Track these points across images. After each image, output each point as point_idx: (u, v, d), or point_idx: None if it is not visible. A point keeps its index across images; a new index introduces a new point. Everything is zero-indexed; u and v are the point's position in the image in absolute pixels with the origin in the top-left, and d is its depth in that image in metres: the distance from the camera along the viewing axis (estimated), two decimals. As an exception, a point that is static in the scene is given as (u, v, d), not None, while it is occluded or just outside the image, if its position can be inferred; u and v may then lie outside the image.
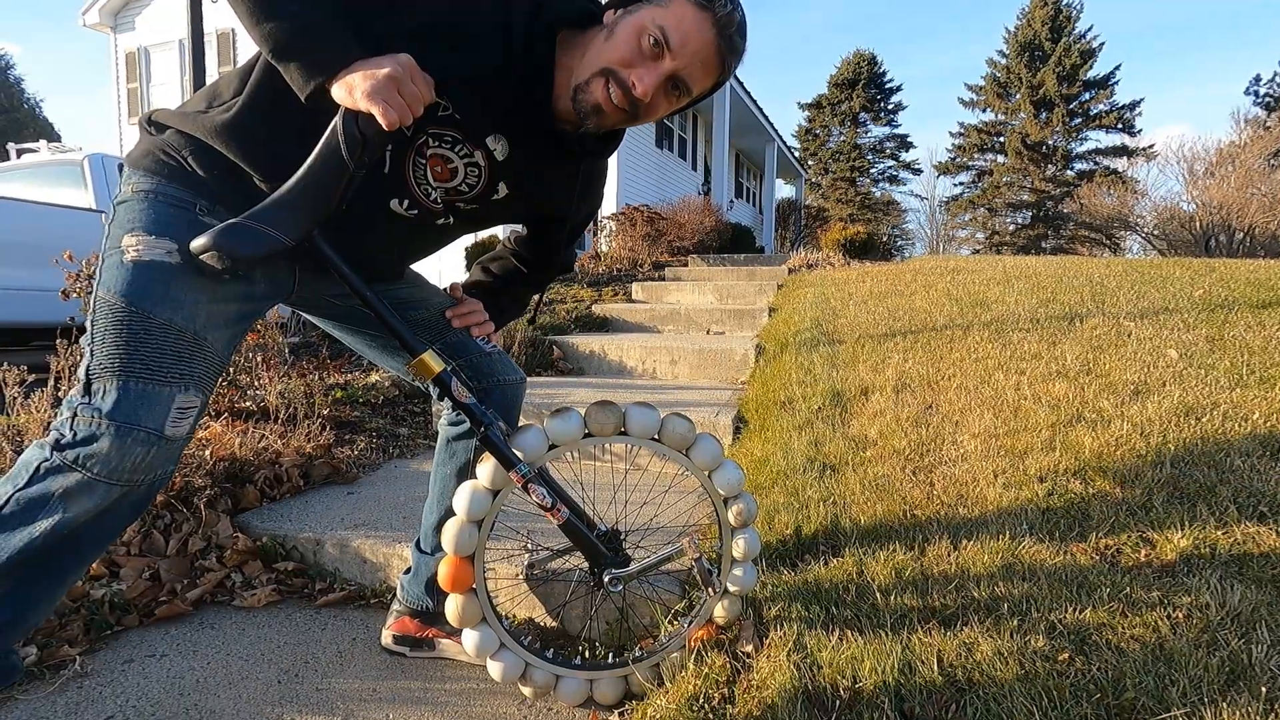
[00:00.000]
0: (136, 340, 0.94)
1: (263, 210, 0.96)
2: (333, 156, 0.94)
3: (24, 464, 0.97)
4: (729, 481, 1.24)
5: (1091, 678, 1.00)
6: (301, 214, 0.96)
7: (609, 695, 1.26)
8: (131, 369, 0.94)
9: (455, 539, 1.19)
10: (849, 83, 35.37)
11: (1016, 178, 32.13)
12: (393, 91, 0.88)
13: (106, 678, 1.32)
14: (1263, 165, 17.90)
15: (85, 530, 0.98)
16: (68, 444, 0.94)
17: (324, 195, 0.96)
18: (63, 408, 0.97)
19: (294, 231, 0.96)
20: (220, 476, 1.94)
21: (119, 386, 0.94)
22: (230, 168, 1.02)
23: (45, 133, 28.21)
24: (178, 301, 0.96)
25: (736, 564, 1.26)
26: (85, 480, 0.94)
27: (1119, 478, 1.60)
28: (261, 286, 1.10)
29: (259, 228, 0.94)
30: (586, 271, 6.99)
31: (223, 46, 11.15)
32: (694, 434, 1.23)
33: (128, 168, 1.04)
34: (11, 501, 0.95)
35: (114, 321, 0.94)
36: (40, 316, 4.28)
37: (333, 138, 0.93)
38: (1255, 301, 3.18)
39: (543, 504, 1.16)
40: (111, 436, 0.93)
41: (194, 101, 1.06)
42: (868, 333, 3.26)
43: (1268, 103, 28.92)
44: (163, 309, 0.95)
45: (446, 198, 1.13)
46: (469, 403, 1.13)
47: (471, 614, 1.22)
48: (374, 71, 0.88)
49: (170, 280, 0.96)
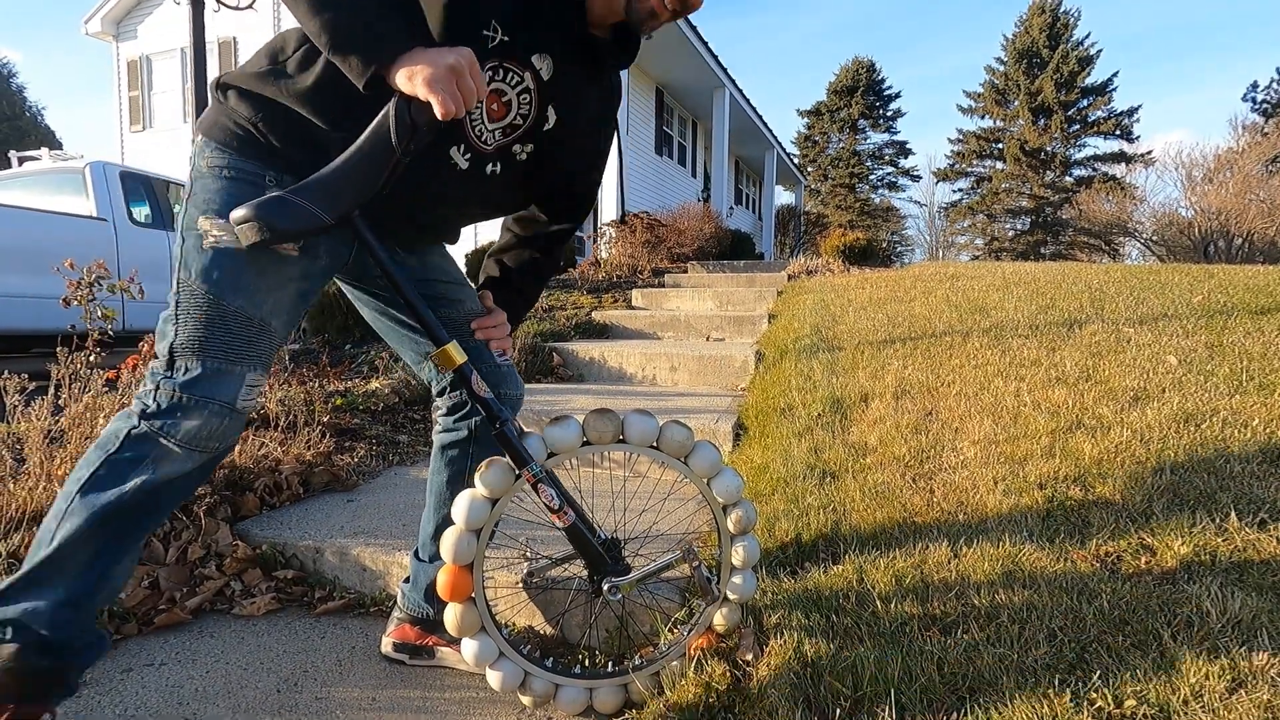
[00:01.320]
0: (213, 324, 1.03)
1: (306, 186, 0.98)
2: (381, 141, 0.96)
3: (112, 433, 1.05)
4: (728, 488, 1.24)
5: (1093, 686, 1.00)
6: (344, 194, 0.99)
7: (609, 704, 1.26)
8: (209, 349, 1.03)
9: (454, 548, 1.19)
10: (848, 90, 35.51)
11: (1015, 184, 32.23)
12: (452, 82, 0.91)
13: (105, 686, 1.31)
14: (1261, 171, 17.96)
15: (163, 491, 1.06)
16: (153, 414, 1.03)
17: (368, 178, 0.99)
18: (146, 380, 1.06)
19: (335, 210, 0.99)
20: (220, 484, 1.94)
21: (200, 364, 1.03)
22: (303, 136, 1.05)
23: (47, 140, 28.32)
24: (247, 290, 1.04)
25: (736, 571, 1.26)
26: (167, 446, 1.03)
27: (1119, 484, 1.59)
28: (323, 262, 1.13)
29: (301, 203, 0.97)
30: (586, 278, 7.00)
31: (224, 54, 11.20)
32: (692, 441, 1.24)
33: (201, 137, 1.07)
34: (104, 465, 1.03)
35: (194, 305, 1.03)
36: (41, 324, 4.29)
37: (384, 122, 0.96)
38: (1254, 307, 3.18)
39: (550, 505, 1.16)
40: (192, 409, 1.03)
41: (256, 61, 1.07)
42: (867, 339, 3.26)
43: (1265, 109, 29.03)
44: (235, 298, 1.03)
45: (502, 139, 1.14)
46: (487, 397, 1.14)
47: (470, 623, 1.22)
48: (437, 60, 0.91)
49: (241, 269, 1.03)
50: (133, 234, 4.91)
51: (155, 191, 5.26)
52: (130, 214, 4.95)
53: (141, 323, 4.62)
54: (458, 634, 1.23)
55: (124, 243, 4.82)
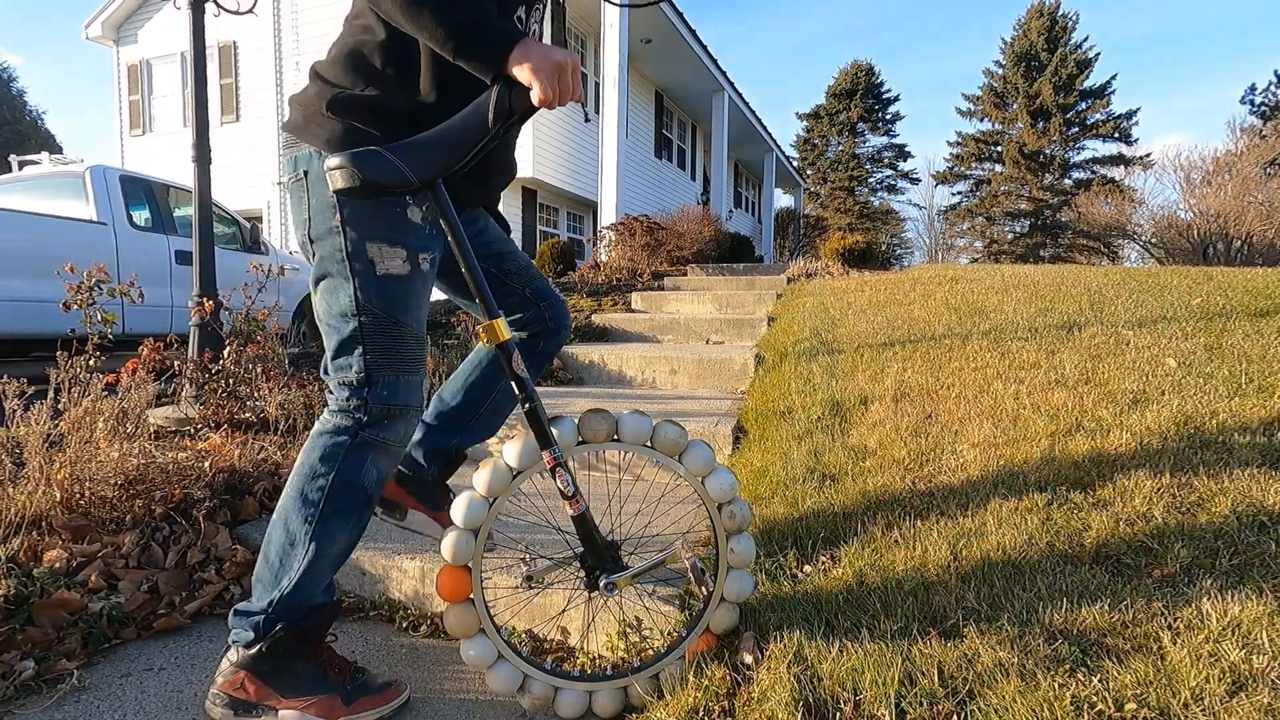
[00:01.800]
0: (397, 343, 1.18)
1: (402, 147, 1.06)
2: (478, 119, 1.06)
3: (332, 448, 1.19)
4: (722, 486, 1.25)
5: (1093, 689, 1.00)
6: (434, 161, 1.07)
7: (608, 707, 1.25)
8: (400, 365, 1.19)
9: (453, 548, 1.19)
10: (847, 93, 35.59)
11: (1014, 187, 32.27)
12: (555, 76, 1.03)
13: (104, 692, 1.31)
14: (1259, 174, 17.99)
15: (375, 488, 1.23)
16: (367, 424, 1.19)
17: (458, 150, 1.08)
18: (344, 398, 1.19)
19: (422, 174, 1.06)
20: (219, 488, 1.94)
21: (395, 377, 1.19)
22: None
23: (47, 145, 28.33)
24: (413, 309, 1.20)
25: (732, 571, 1.27)
26: (388, 448, 1.22)
27: (1118, 487, 1.59)
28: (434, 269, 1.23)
29: (394, 160, 1.04)
30: (586, 281, 7.01)
31: (224, 59, 11.22)
32: (686, 440, 1.25)
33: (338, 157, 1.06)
34: (335, 477, 1.19)
35: (381, 329, 1.17)
36: (41, 328, 4.29)
37: (484, 101, 1.05)
38: (1253, 310, 3.18)
39: (565, 491, 1.19)
40: (397, 416, 1.20)
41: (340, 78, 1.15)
42: (867, 342, 3.26)
43: (1263, 112, 29.06)
44: (406, 316, 1.19)
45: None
46: (524, 376, 1.19)
47: (469, 623, 1.22)
48: (548, 55, 1.03)
49: (407, 290, 1.18)
50: (133, 238, 4.91)
51: (155, 196, 5.26)
52: (130, 218, 4.95)
53: (141, 327, 4.62)
54: (457, 635, 1.23)
55: (124, 247, 4.81)
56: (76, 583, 1.56)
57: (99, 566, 1.62)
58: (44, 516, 1.73)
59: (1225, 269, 5.22)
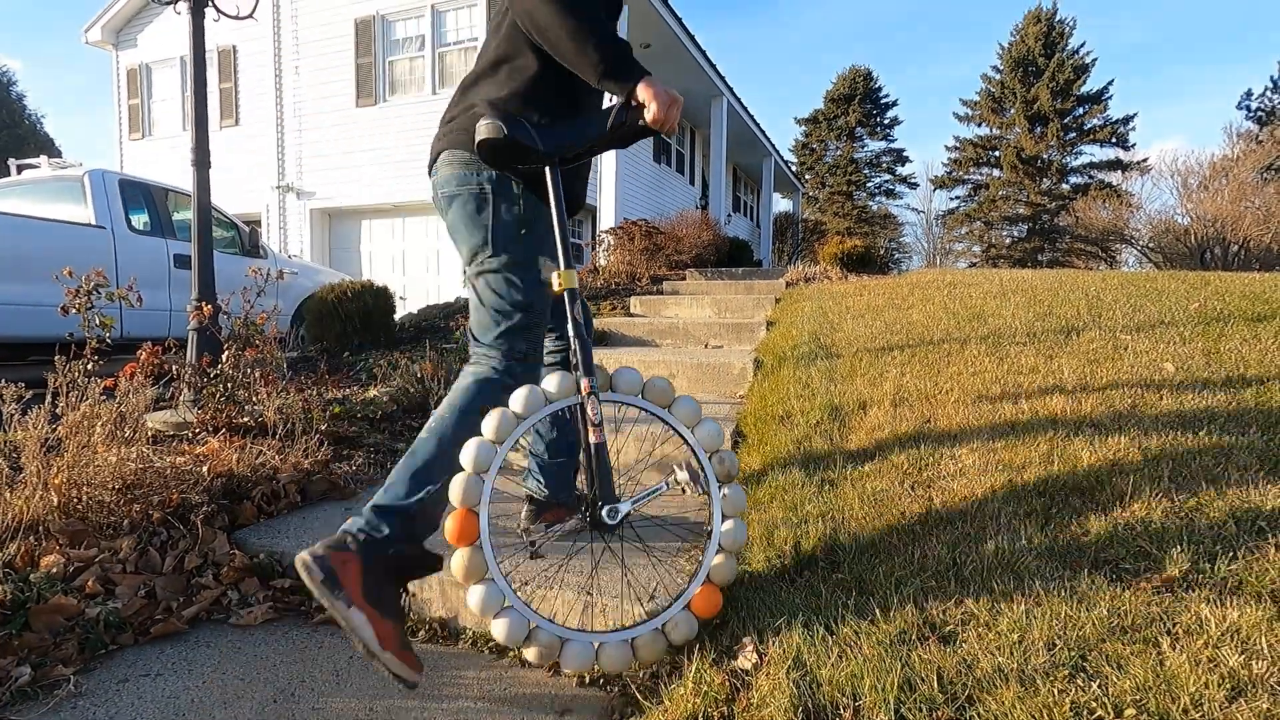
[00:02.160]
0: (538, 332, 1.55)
1: (540, 124, 1.40)
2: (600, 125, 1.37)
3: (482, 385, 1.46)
4: (710, 434, 1.39)
5: (1092, 695, 1.00)
6: (561, 142, 1.38)
7: (614, 661, 1.27)
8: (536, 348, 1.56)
9: (462, 491, 1.22)
10: (845, 98, 35.67)
11: (1012, 191, 32.33)
12: (669, 107, 1.33)
13: (101, 697, 1.31)
14: (1256, 179, 18.06)
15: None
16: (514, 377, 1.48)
17: (576, 140, 1.39)
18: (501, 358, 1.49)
19: (550, 149, 1.36)
20: (217, 493, 1.94)
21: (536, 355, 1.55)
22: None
23: (46, 148, 28.30)
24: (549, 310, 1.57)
25: (725, 519, 1.35)
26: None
27: (1116, 492, 1.59)
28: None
29: (531, 130, 1.35)
30: (585, 286, 7.01)
31: (224, 64, 11.23)
32: (673, 392, 1.39)
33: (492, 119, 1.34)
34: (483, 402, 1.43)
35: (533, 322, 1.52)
36: (39, 331, 4.29)
37: (606, 114, 1.37)
38: (1250, 314, 3.19)
39: (593, 419, 1.33)
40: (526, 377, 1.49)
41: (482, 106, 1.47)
42: (865, 346, 3.27)
43: (1260, 117, 29.14)
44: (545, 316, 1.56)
45: None
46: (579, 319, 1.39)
47: (476, 567, 1.24)
48: (669, 90, 1.33)
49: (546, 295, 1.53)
50: (131, 242, 4.91)
51: (154, 199, 5.26)
52: (129, 222, 4.95)
53: (139, 330, 4.61)
54: (463, 580, 1.26)
55: (122, 250, 4.81)
56: (73, 588, 1.55)
57: (96, 571, 1.62)
58: (41, 521, 1.72)
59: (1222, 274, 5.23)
